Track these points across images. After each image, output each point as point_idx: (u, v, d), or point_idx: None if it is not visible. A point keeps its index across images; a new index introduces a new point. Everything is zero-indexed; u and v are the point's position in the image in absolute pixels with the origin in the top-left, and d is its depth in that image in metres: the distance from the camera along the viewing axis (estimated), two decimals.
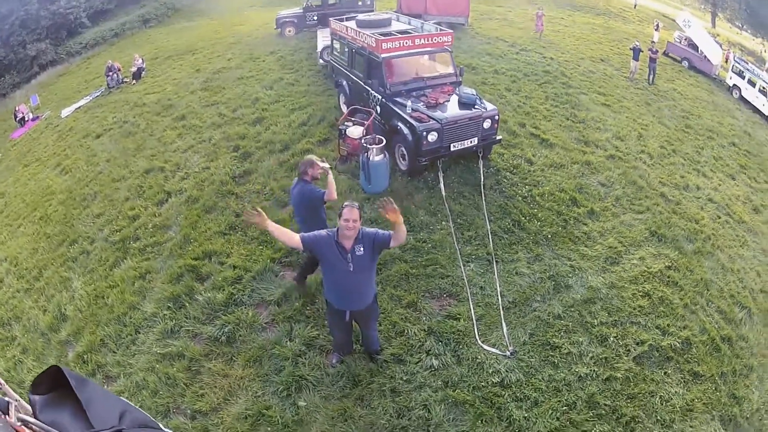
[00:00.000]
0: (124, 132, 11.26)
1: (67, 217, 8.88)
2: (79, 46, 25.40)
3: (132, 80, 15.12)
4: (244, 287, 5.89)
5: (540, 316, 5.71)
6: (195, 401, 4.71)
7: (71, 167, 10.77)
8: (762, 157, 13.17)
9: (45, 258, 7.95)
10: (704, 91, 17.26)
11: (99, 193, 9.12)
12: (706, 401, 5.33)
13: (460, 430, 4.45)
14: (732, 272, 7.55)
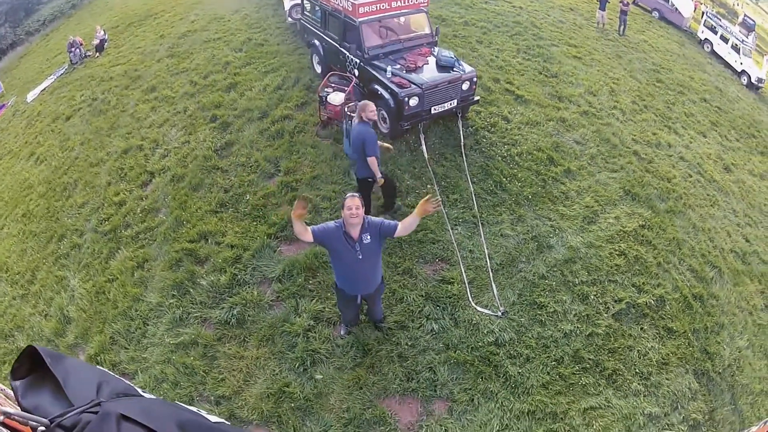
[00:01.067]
0: (95, 110, 10.73)
1: (51, 210, 8.54)
2: (37, 23, 23.69)
3: (96, 53, 14.26)
4: (245, 266, 6.07)
5: (526, 277, 6.16)
6: (216, 387, 4.97)
7: (45, 155, 10.25)
8: (733, 114, 13.50)
9: (35, 258, 7.70)
10: (675, 43, 17.36)
11: (79, 180, 8.79)
12: (680, 356, 5.94)
13: (463, 387, 4.93)
14: (703, 231, 8.01)
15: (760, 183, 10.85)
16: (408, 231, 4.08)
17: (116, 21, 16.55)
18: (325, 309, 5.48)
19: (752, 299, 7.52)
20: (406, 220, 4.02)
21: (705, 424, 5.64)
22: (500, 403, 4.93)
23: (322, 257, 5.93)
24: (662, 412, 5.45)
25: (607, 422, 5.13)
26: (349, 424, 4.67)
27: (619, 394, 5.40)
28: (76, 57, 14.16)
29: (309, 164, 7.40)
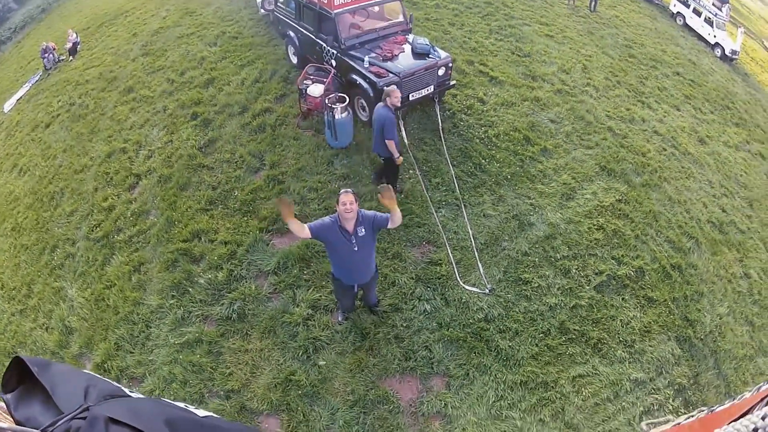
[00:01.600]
0: (74, 116, 10.62)
1: (40, 221, 8.51)
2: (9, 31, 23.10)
3: (69, 57, 14.01)
4: (240, 261, 6.26)
5: (510, 255, 6.48)
6: (225, 382, 5.20)
7: (28, 166, 10.14)
8: (707, 86, 13.75)
9: (30, 272, 7.71)
10: (647, 17, 17.57)
11: (65, 188, 8.76)
12: (662, 324, 6.33)
13: (458, 363, 5.26)
14: (679, 203, 8.37)
15: (735, 154, 11.25)
16: (397, 223, 4.29)
17: (87, 22, 16.21)
18: (322, 297, 5.73)
19: (731, 267, 7.95)
20: (394, 215, 4.25)
21: (690, 388, 6.05)
22: (494, 376, 5.28)
23: (314, 248, 6.16)
24: (647, 377, 5.85)
25: (596, 388, 5.52)
26: (355, 405, 4.97)
27: (605, 362, 5.79)
28: (50, 62, 13.91)
29: (293, 156, 7.56)
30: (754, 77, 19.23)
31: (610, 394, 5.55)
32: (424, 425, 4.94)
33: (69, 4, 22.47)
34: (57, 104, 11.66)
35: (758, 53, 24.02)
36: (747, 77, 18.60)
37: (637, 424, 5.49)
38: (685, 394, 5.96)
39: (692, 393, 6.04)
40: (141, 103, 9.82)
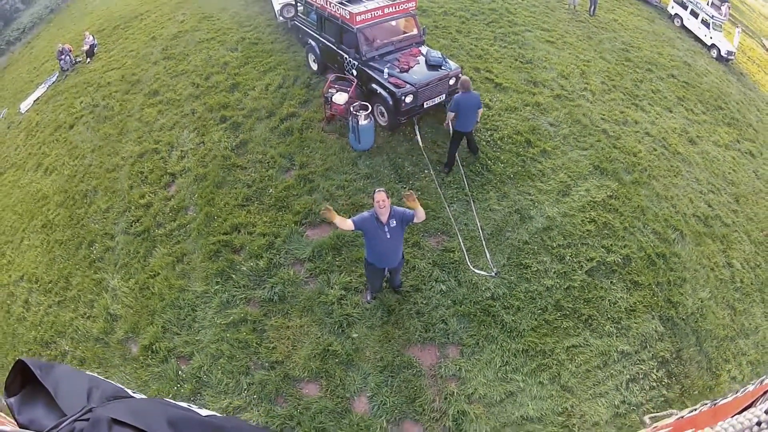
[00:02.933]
0: (99, 117, 11.75)
1: (73, 218, 9.53)
2: (17, 32, 24.10)
3: (86, 59, 15.03)
4: (278, 251, 7.48)
5: (512, 243, 7.74)
6: (269, 355, 6.41)
7: (54, 165, 11.21)
8: (701, 87, 15.01)
9: (67, 266, 8.70)
10: (645, 20, 18.82)
11: (98, 186, 9.85)
12: (646, 304, 7.59)
13: (470, 334, 6.52)
14: (666, 199, 9.61)
15: (724, 153, 12.53)
16: (421, 219, 5.51)
17: (100, 24, 17.31)
18: (352, 280, 6.96)
19: (714, 257, 9.21)
20: (418, 212, 5.45)
21: (673, 361, 7.29)
22: (500, 345, 6.54)
23: (344, 238, 7.40)
24: (633, 350, 7.11)
25: (587, 357, 6.78)
26: (384, 370, 6.21)
27: (595, 335, 7.05)
28: (66, 64, 14.96)
29: (320, 157, 8.80)
30: (749, 77, 20.50)
31: (600, 363, 6.82)
32: (442, 386, 6.19)
33: (77, 4, 23.53)
34: (80, 105, 12.77)
35: (756, 52, 25.30)
36: (742, 77, 19.88)
37: (624, 390, 6.76)
38: (668, 367, 7.22)
39: (675, 366, 7.29)
40: (168, 105, 10.98)
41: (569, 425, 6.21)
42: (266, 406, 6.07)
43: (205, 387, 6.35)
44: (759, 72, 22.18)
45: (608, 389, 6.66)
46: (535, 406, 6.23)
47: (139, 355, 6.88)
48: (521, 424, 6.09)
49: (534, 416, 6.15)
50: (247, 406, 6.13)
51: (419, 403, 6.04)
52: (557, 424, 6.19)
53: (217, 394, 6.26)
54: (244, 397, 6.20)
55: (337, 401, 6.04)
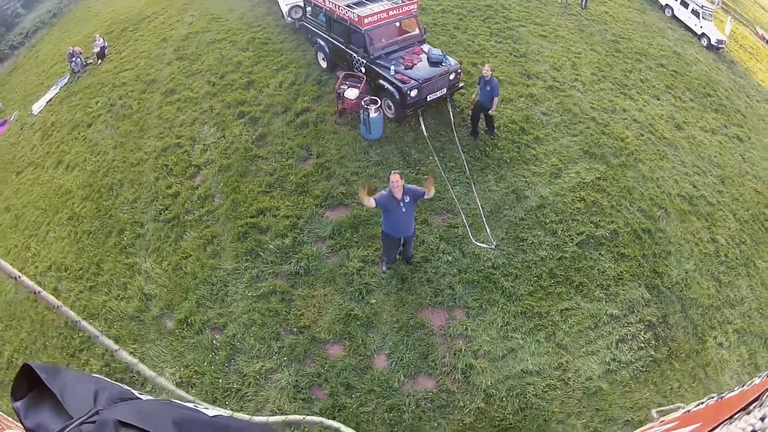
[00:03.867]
0: (118, 116, 12.79)
1: (101, 209, 10.52)
2: (20, 36, 25.08)
3: (97, 61, 16.01)
4: (301, 230, 8.61)
5: (510, 220, 8.90)
6: (297, 321, 7.55)
7: (76, 162, 12.20)
8: (689, 76, 16.14)
9: (97, 253, 9.62)
10: (635, 11, 19.96)
11: (124, 180, 10.87)
12: (633, 273, 8.74)
13: (474, 298, 7.67)
14: (652, 180, 10.74)
15: (711, 137, 13.68)
16: (431, 196, 6.71)
17: (107, 27, 18.30)
18: (369, 254, 8.10)
19: (698, 233, 10.36)
20: (429, 189, 6.64)
21: (659, 325, 8.44)
22: (501, 307, 7.69)
23: (360, 217, 8.55)
24: (621, 313, 8.26)
25: (579, 319, 7.94)
26: (400, 331, 7.35)
27: (586, 300, 8.21)
28: (77, 66, 15.93)
29: (335, 147, 9.94)
30: (741, 64, 21.68)
31: (591, 324, 7.97)
32: (451, 343, 7.33)
33: (79, 8, 24.58)
34: (96, 105, 13.80)
35: (748, 40, 26.48)
36: (733, 65, 21.05)
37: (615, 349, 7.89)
38: (655, 330, 8.37)
39: (661, 330, 8.44)
40: (186, 103, 12.06)
41: (565, 378, 7.36)
42: (296, 367, 7.19)
43: (238, 353, 7.46)
44: (751, 59, 23.33)
45: (599, 348, 7.81)
46: (534, 361, 7.38)
47: (175, 329, 7.94)
48: (522, 377, 7.24)
49: (533, 370, 7.30)
50: (278, 367, 7.24)
51: (431, 358, 7.18)
52: (554, 377, 7.34)
53: (250, 359, 7.37)
54: (275, 360, 7.31)
55: (359, 359, 7.18)
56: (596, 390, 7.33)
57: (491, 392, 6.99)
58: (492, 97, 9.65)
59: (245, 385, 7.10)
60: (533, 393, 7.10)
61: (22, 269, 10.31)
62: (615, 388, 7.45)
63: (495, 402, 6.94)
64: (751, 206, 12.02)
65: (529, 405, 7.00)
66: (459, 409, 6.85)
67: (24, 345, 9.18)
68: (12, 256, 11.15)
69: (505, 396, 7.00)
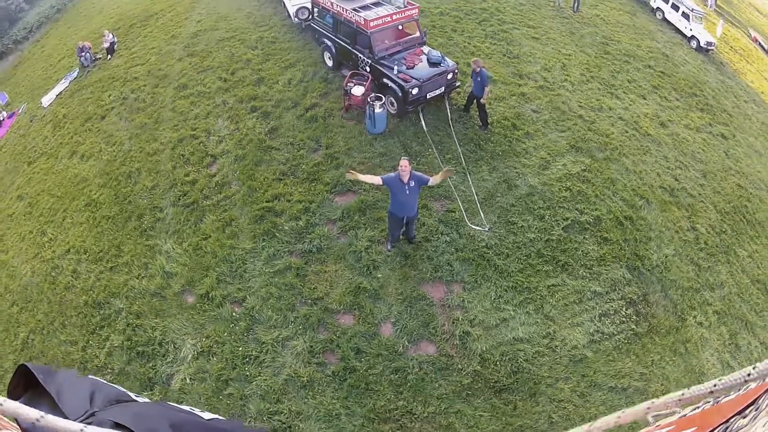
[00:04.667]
0: (132, 108, 13.91)
1: (119, 196, 11.60)
2: (24, 31, 26.19)
3: (107, 56, 17.08)
4: (314, 213, 9.79)
5: (502, 206, 10.13)
6: (311, 293, 8.71)
7: (91, 152, 13.28)
8: (677, 77, 17.45)
9: (117, 236, 10.71)
10: (626, 14, 21.32)
11: (141, 168, 11.97)
12: (615, 255, 9.96)
13: (470, 274, 8.89)
14: (635, 173, 11.99)
15: (695, 135, 14.99)
16: (435, 183, 7.92)
17: (114, 23, 19.37)
18: (375, 234, 9.31)
19: (679, 222, 11.61)
20: (435, 178, 7.84)
21: (640, 303, 9.62)
22: (494, 282, 8.92)
23: (367, 201, 9.76)
24: (604, 290, 9.47)
25: (564, 294, 9.16)
26: (404, 302, 8.55)
27: (571, 277, 9.44)
28: (87, 60, 17.01)
29: (342, 140, 11.16)
30: (730, 66, 23.05)
31: (576, 299, 9.20)
32: (449, 313, 8.55)
33: (84, 3, 25.63)
34: (108, 98, 14.91)
35: (740, 42, 27.90)
36: (722, 66, 22.41)
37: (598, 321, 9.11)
38: (636, 307, 9.55)
39: (642, 307, 9.61)
40: (199, 98, 13.22)
41: (552, 346, 8.55)
42: (310, 335, 8.35)
43: (257, 323, 8.61)
44: (741, 61, 24.70)
45: (584, 320, 9.03)
46: (524, 330, 8.59)
47: (196, 303, 9.06)
48: (513, 344, 8.44)
49: (523, 338, 8.49)
50: (293, 335, 8.40)
51: (432, 326, 8.39)
52: (542, 345, 8.53)
53: (267, 329, 8.53)
54: (291, 329, 8.47)
55: (367, 327, 8.36)
56: (581, 358, 8.52)
57: (486, 357, 8.18)
58: (483, 86, 10.98)
59: (263, 353, 8.23)
60: (524, 358, 8.29)
61: (38, 254, 11.63)
62: (599, 356, 8.63)
63: (490, 366, 8.12)
64: (732, 199, 13.29)
65: (521, 369, 8.17)
66: (457, 372, 8.02)
67: (41, 326, 10.16)
68: (27, 241, 12.23)
69: (499, 360, 8.18)
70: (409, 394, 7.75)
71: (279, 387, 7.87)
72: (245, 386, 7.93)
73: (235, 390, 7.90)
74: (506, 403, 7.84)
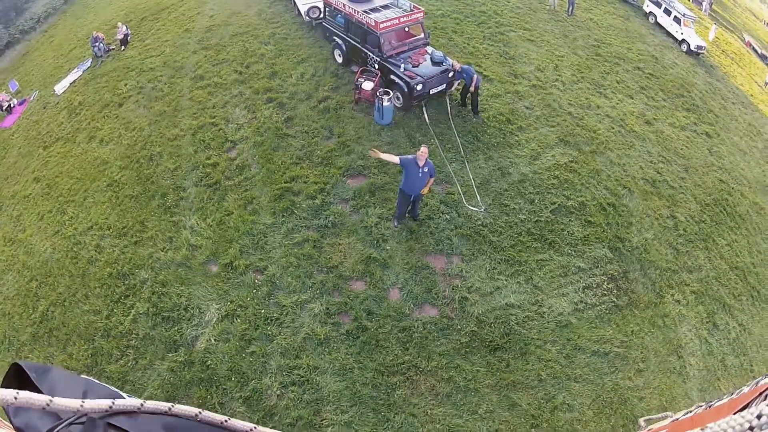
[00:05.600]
0: (149, 97, 15.56)
1: (141, 177, 13.20)
2: (31, 21, 27.82)
3: (120, 47, 18.68)
4: (328, 193, 11.50)
5: (496, 190, 11.93)
6: (327, 262, 10.41)
7: (111, 137, 14.90)
8: (665, 78, 19.42)
9: (141, 213, 12.26)
10: (620, 18, 23.35)
11: (162, 152, 13.61)
12: (597, 236, 11.77)
13: (467, 248, 10.66)
14: (618, 165, 13.86)
15: (679, 133, 16.93)
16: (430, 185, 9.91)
17: (125, 15, 20.96)
18: (384, 212, 11.04)
19: (659, 210, 13.47)
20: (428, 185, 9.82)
21: (620, 279, 11.40)
22: (488, 256, 10.70)
23: (376, 184, 11.51)
24: (587, 267, 11.27)
25: (551, 268, 10.96)
26: (409, 270, 10.30)
27: (558, 254, 11.23)
28: (100, 51, 18.58)
29: (353, 129, 12.91)
30: (720, 69, 25.08)
31: (562, 273, 11.00)
32: (449, 281, 10.31)
33: None
34: (125, 87, 16.55)
35: (732, 46, 30.00)
36: (712, 69, 24.39)
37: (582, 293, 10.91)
38: (617, 282, 11.34)
39: (622, 283, 11.40)
40: (216, 88, 14.92)
41: (540, 312, 10.31)
42: (326, 298, 10.03)
43: (277, 289, 10.29)
44: (732, 64, 26.80)
45: (569, 291, 10.81)
46: (515, 297, 10.35)
47: (220, 272, 10.70)
48: (506, 309, 10.20)
49: (515, 304, 10.25)
50: (311, 299, 10.08)
51: (434, 292, 10.13)
52: (532, 311, 10.30)
53: (288, 294, 10.21)
54: (309, 294, 10.15)
55: (377, 291, 10.09)
56: (567, 323, 10.28)
57: (482, 319, 9.92)
58: (471, 76, 12.97)
59: (283, 315, 9.89)
60: (515, 322, 10.05)
61: (58, 231, 13.18)
62: (582, 323, 10.40)
63: (485, 327, 9.85)
64: (712, 192, 15.11)
65: (512, 331, 9.92)
66: (457, 332, 9.76)
67: (62, 298, 11.63)
68: (46, 220, 13.79)
69: (493, 322, 9.93)
70: (414, 350, 9.45)
71: (298, 345, 9.49)
72: (267, 345, 9.54)
73: (257, 348, 9.49)
74: (500, 360, 9.56)
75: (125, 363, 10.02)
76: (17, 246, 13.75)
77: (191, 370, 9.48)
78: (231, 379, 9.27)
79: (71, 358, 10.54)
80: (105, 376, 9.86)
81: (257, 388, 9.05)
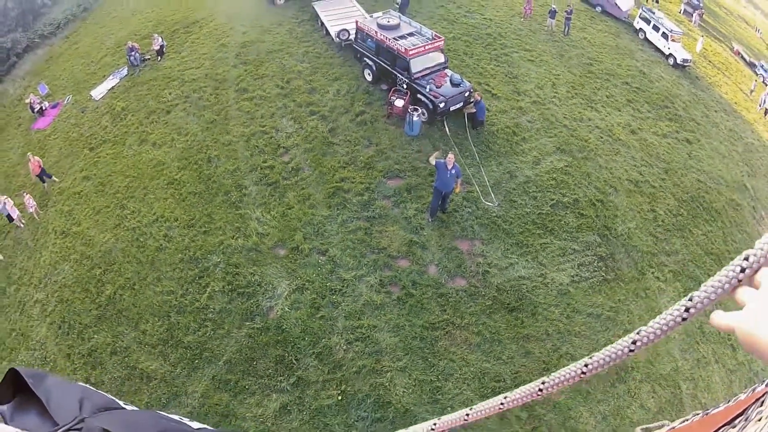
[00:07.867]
0: (197, 106, 20.25)
1: (202, 177, 17.78)
2: (51, 27, 32.12)
3: (157, 57, 23.15)
4: (373, 191, 16.47)
5: (506, 189, 17.13)
6: (377, 245, 15.37)
7: (163, 140, 19.46)
8: (650, 91, 24.74)
9: (206, 208, 16.92)
10: (611, 36, 28.84)
11: (220, 155, 18.25)
12: (588, 226, 16.95)
13: (486, 233, 15.80)
14: (606, 169, 19.03)
15: (661, 140, 22.33)
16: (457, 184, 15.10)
17: (153, 26, 25.66)
18: (420, 206, 16.10)
19: (641, 206, 18.68)
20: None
21: (608, 259, 16.54)
22: (502, 240, 15.89)
23: (411, 184, 16.61)
24: (581, 249, 16.40)
25: (552, 249, 16.13)
26: (442, 251, 15.38)
27: (557, 239, 16.39)
28: (136, 60, 23.13)
29: (387, 140, 17.93)
30: (705, 80, 30.53)
31: (561, 253, 16.16)
32: (474, 259, 15.41)
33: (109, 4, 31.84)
34: (170, 96, 21.24)
35: (719, 56, 35.58)
36: (697, 80, 29.80)
37: (577, 269, 16.22)
38: (605, 262, 16.46)
39: (610, 262, 16.52)
40: (261, 101, 19.78)
41: (545, 283, 15.38)
42: (379, 273, 14.94)
43: (338, 267, 15.19)
44: (718, 74, 32.43)
45: (567, 267, 15.93)
46: (525, 271, 15.44)
47: (288, 254, 15.55)
48: (519, 280, 15.24)
49: (525, 276, 15.30)
50: (367, 274, 14.94)
51: (463, 267, 15.19)
52: (538, 282, 15.35)
53: (347, 270, 15.08)
54: (364, 270, 15.03)
55: (419, 267, 15.10)
56: (566, 292, 15.32)
57: (500, 287, 14.92)
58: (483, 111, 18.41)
59: (345, 286, 14.70)
60: (526, 289, 15.08)
61: (119, 224, 17.73)
62: (579, 292, 15.41)
63: (503, 293, 14.84)
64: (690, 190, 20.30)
65: (524, 297, 14.92)
66: (482, 297, 14.76)
67: (131, 282, 15.77)
68: (104, 214, 18.19)
69: (509, 290, 14.92)
70: (450, 311, 14.37)
71: (358, 309, 14.20)
72: (333, 311, 14.21)
73: (325, 313, 14.18)
74: (516, 318, 14.52)
75: (203, 333, 14.08)
76: (72, 238, 17.91)
77: (267, 335, 13.81)
78: (304, 339, 13.63)
79: (144, 334, 14.49)
80: (182, 346, 13.97)
81: (327, 345, 13.48)
